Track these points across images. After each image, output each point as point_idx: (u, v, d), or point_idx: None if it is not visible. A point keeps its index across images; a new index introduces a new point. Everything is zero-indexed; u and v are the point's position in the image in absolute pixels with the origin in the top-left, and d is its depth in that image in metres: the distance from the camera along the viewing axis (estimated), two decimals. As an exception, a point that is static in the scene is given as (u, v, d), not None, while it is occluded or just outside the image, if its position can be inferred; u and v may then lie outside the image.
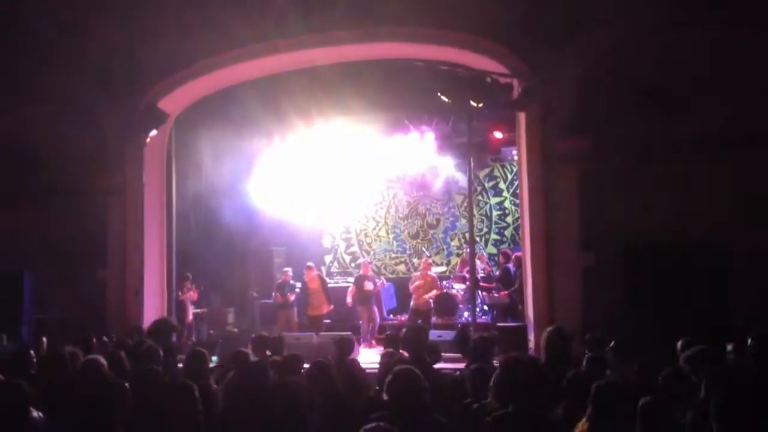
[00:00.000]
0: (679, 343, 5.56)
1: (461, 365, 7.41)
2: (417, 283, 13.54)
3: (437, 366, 6.81)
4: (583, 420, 3.87)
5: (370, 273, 14.02)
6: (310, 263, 14.19)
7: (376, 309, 13.68)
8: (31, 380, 4.95)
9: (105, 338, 8.11)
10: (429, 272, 13.79)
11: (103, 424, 3.60)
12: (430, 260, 14.67)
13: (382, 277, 14.96)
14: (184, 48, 11.28)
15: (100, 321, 10.73)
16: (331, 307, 13.59)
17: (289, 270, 14.07)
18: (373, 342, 13.04)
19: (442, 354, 10.33)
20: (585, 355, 5.86)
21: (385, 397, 4.01)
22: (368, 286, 13.54)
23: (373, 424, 3.18)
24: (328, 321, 13.69)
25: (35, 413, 4.09)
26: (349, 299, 13.81)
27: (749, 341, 4.99)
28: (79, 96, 11.25)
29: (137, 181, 11.52)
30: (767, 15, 9.27)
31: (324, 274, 15.29)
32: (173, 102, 11.83)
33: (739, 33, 9.36)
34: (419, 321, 12.44)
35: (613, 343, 6.13)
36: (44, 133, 11.40)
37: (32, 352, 6.19)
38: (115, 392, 4.43)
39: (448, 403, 5.07)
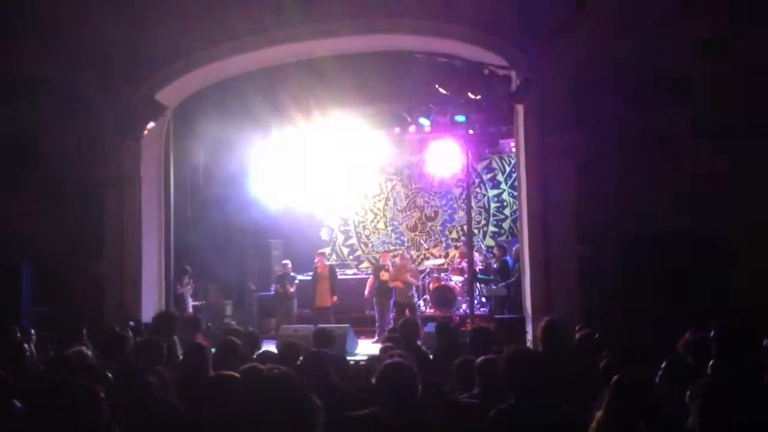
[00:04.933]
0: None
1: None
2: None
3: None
4: (600, 411, 3.88)
5: (389, 263, 13.66)
6: (322, 250, 14.32)
7: (391, 302, 13.33)
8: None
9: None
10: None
11: (87, 417, 3.53)
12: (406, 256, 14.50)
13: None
14: (181, 39, 11.25)
15: (98, 313, 10.72)
16: (335, 299, 13.50)
17: (288, 262, 14.06)
18: None
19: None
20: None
21: (376, 389, 3.99)
22: (385, 276, 13.25)
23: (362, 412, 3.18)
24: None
25: (17, 404, 4.08)
26: (367, 292, 13.60)
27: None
28: (77, 87, 11.21)
29: (135, 173, 11.50)
30: (765, 6, 9.27)
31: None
32: (171, 94, 11.80)
33: (738, 25, 9.33)
34: (406, 312, 12.39)
35: None
36: (41, 124, 11.36)
37: (26, 345, 6.16)
38: (102, 385, 4.35)
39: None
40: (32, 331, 7.42)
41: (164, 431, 4.24)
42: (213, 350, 5.55)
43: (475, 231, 15.66)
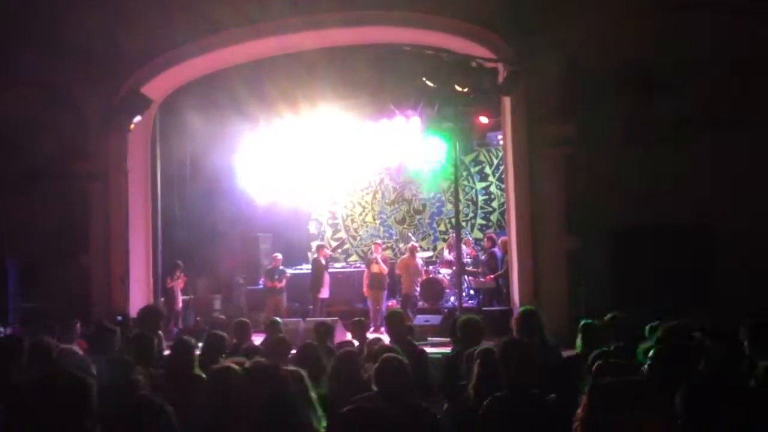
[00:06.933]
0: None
1: (447, 349, 7.45)
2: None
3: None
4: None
5: (380, 254, 13.66)
6: (321, 243, 14.35)
7: (385, 294, 13.37)
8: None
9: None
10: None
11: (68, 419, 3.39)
12: (416, 244, 14.60)
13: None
14: (167, 32, 11.17)
15: (84, 308, 10.66)
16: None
17: (278, 255, 14.01)
18: (382, 330, 12.74)
19: (429, 338, 10.49)
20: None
21: (374, 387, 4.05)
22: (375, 268, 13.25)
23: (353, 406, 3.19)
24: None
25: None
26: (365, 288, 13.44)
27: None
28: (61, 80, 11.13)
29: (121, 167, 11.43)
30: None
31: (310, 259, 15.23)
32: (157, 87, 11.72)
33: (721, 16, 9.36)
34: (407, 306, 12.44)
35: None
36: (25, 118, 11.27)
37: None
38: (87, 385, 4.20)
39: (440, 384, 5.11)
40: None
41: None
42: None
43: (463, 224, 15.69)
